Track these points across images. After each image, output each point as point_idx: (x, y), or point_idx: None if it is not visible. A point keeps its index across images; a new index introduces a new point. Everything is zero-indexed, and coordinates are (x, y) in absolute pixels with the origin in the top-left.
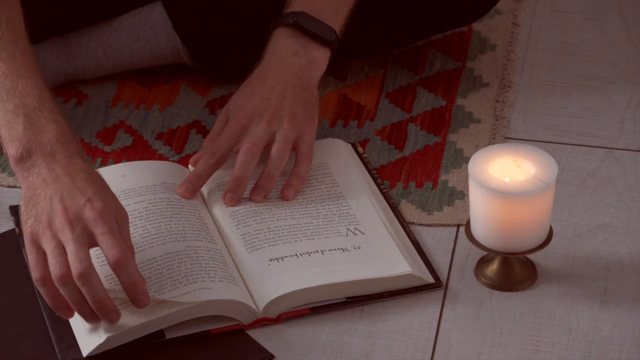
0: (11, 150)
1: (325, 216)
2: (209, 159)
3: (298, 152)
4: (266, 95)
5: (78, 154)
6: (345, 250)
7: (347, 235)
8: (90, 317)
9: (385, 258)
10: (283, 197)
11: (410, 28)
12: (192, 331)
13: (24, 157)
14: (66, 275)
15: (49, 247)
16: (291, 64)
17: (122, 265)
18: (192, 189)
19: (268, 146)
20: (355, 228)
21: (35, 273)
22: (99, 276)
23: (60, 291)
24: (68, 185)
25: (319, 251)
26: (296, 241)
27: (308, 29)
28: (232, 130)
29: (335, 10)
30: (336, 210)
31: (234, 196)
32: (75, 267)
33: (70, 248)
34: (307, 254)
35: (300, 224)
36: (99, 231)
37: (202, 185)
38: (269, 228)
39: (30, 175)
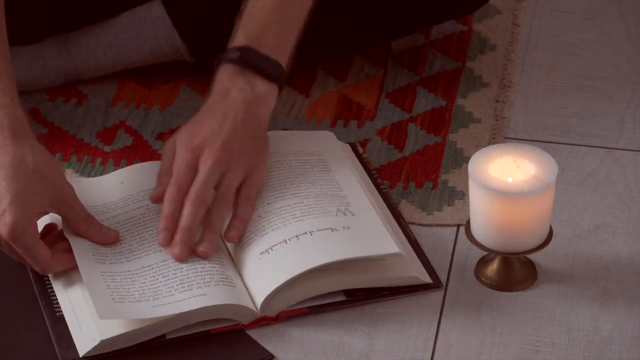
0: None
1: (316, 196)
2: (176, 196)
3: (241, 195)
4: (216, 128)
5: (14, 134)
6: (335, 230)
7: (336, 215)
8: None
9: (374, 238)
10: (227, 239)
11: (408, 17)
12: (192, 331)
13: None
14: None
15: None
16: (238, 99)
17: (48, 272)
18: (170, 235)
19: (216, 186)
20: (345, 209)
21: None
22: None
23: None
24: None
25: (308, 232)
26: (285, 225)
27: (253, 63)
28: (186, 163)
29: (280, 43)
30: (327, 191)
31: (184, 248)
32: (37, 270)
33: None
34: (296, 237)
35: (290, 205)
36: (18, 250)
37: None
38: (259, 215)
39: None
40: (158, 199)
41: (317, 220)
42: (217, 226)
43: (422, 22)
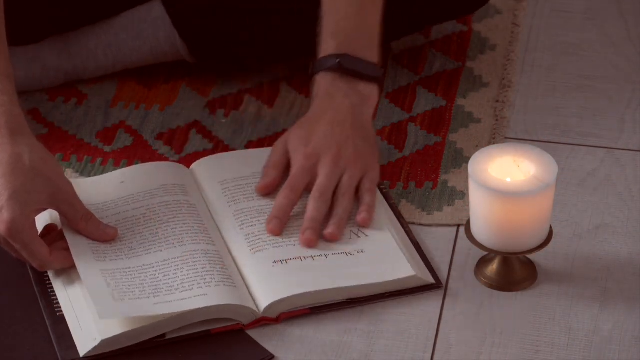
0: None
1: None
2: (291, 194)
3: (362, 189)
4: (329, 133)
5: (12, 133)
6: (349, 255)
7: (350, 237)
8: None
9: (389, 261)
10: (361, 224)
11: (408, 17)
12: (192, 331)
13: None
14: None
15: None
16: (345, 104)
17: (46, 269)
18: (280, 224)
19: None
20: (358, 230)
21: None
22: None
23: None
24: None
25: (323, 255)
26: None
27: (353, 70)
28: (304, 169)
29: (371, 43)
30: None
31: (313, 233)
32: (35, 266)
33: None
34: (311, 258)
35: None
36: (16, 246)
37: (288, 219)
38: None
39: None
40: (264, 189)
41: (332, 244)
42: (343, 215)
43: (423, 22)
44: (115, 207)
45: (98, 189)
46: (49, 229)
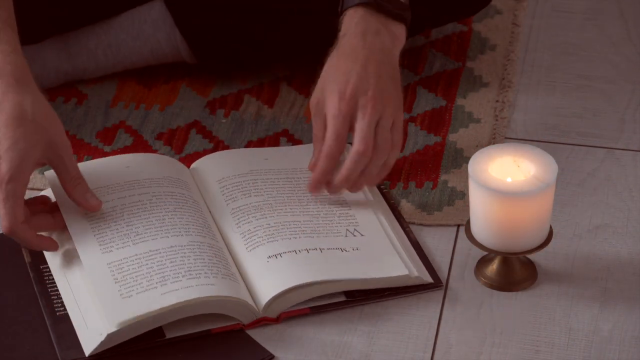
0: None
1: (325, 216)
2: (336, 144)
3: (392, 141)
4: (362, 74)
5: (17, 84)
6: (344, 251)
7: (346, 236)
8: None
9: (383, 260)
10: (369, 185)
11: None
12: (192, 331)
13: None
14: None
15: None
16: (376, 42)
17: (13, 234)
18: (327, 174)
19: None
20: (354, 229)
21: None
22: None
23: None
24: None
25: (318, 249)
26: (295, 238)
27: (387, 7)
28: (342, 114)
29: None
30: (336, 210)
31: (338, 189)
32: (2, 225)
33: None
34: (306, 251)
35: (300, 221)
36: (1, 195)
37: (334, 167)
38: (269, 224)
39: None
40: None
41: (327, 239)
42: (377, 174)
43: (424, 25)
44: (120, 190)
45: (102, 170)
46: (41, 200)
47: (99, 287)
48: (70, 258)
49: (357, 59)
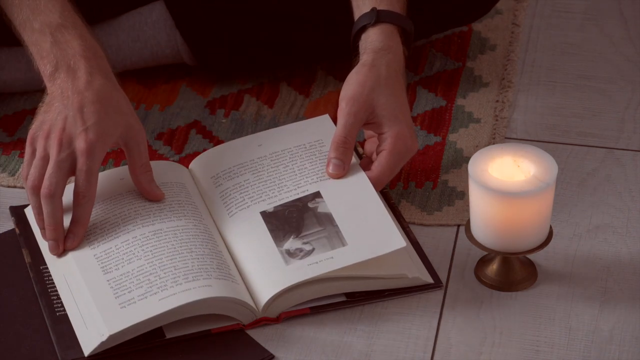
0: (42, 67)
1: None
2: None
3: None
4: (392, 99)
5: (100, 69)
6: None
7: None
8: (45, 234)
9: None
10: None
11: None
12: (192, 331)
13: (53, 72)
14: (36, 187)
15: (37, 154)
16: (392, 60)
17: (80, 204)
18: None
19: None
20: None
21: (24, 171)
22: (62, 206)
23: (29, 196)
24: (76, 106)
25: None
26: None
27: (405, 28)
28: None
29: (402, 5)
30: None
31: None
32: (44, 185)
33: (49, 167)
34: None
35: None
36: (79, 165)
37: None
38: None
39: (54, 85)
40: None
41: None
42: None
43: (431, 31)
44: (115, 203)
45: (107, 181)
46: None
47: (98, 300)
48: (69, 259)
49: (403, 90)
